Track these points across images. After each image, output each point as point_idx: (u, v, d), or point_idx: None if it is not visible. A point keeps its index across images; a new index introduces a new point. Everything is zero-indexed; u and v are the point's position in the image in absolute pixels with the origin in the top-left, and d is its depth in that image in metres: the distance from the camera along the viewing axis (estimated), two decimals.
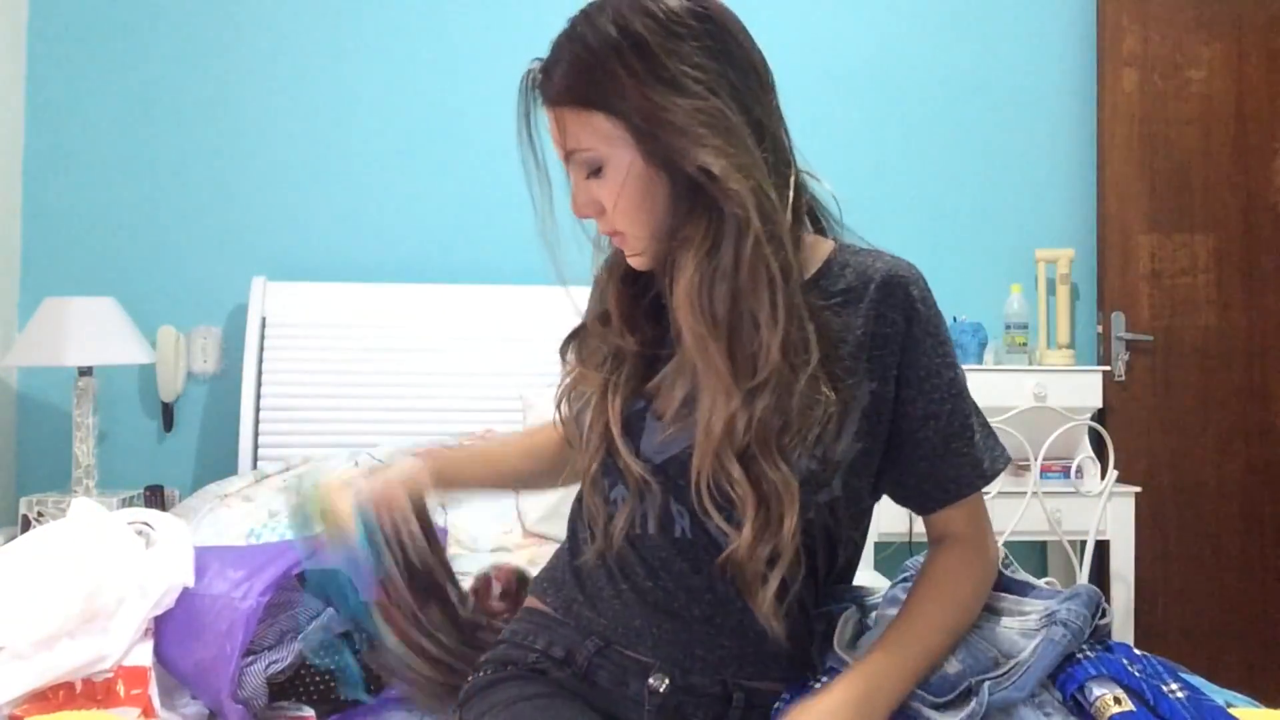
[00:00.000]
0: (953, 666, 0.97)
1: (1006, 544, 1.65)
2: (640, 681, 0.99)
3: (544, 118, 1.00)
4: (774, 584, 0.94)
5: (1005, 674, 0.95)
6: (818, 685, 0.98)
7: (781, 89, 1.02)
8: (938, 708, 0.93)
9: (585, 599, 1.05)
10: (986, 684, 0.93)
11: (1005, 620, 1.03)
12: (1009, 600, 1.05)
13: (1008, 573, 1.09)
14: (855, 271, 1.00)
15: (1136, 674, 0.95)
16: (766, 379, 0.92)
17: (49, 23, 2.91)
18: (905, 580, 1.10)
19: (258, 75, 2.97)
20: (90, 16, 2.92)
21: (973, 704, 0.91)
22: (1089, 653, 0.97)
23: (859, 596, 1.12)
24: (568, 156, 0.99)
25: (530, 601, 1.12)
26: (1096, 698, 0.92)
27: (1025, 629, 1.00)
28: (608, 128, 0.94)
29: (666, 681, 0.99)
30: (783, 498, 0.92)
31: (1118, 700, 0.90)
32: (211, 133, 2.95)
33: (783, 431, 0.92)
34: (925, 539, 1.10)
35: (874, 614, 1.10)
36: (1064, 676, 0.96)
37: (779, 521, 0.92)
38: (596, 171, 0.97)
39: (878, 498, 1.08)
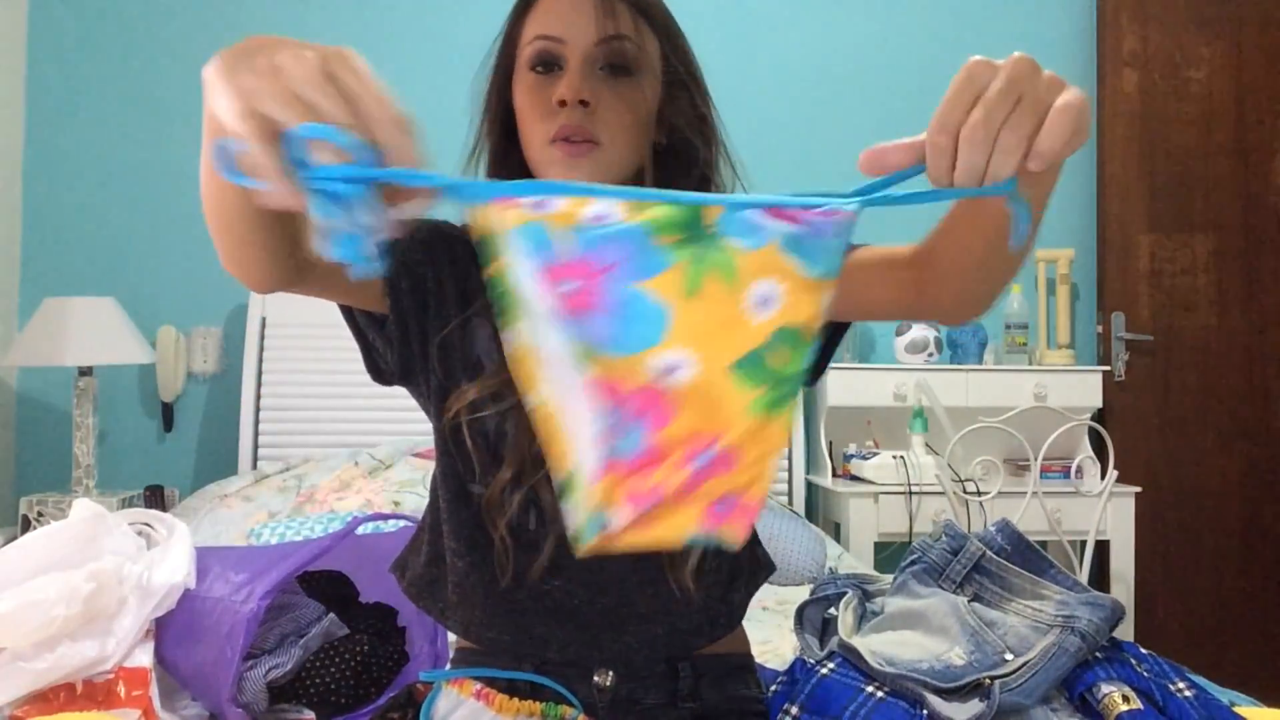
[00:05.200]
0: (959, 659, 0.97)
1: None
2: (586, 684, 0.94)
3: None
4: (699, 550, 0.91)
5: (1013, 673, 0.94)
6: (819, 668, 0.98)
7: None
8: (942, 694, 0.93)
9: (506, 627, 0.96)
10: (996, 684, 0.93)
11: (1018, 603, 1.03)
12: (1026, 579, 1.05)
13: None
14: None
15: (1145, 674, 0.95)
16: None
17: (49, 23, 2.91)
18: (911, 566, 1.10)
19: None
20: (90, 16, 2.92)
21: (982, 706, 0.91)
22: (1099, 655, 0.97)
23: (861, 582, 1.12)
24: (601, 42, 0.90)
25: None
26: (1105, 695, 0.92)
27: (1037, 623, 1.00)
28: (652, 48, 0.93)
29: (611, 674, 0.94)
30: None
31: (1126, 699, 0.90)
32: None
33: None
34: (923, 539, 1.10)
35: (879, 600, 1.10)
36: (1072, 677, 0.96)
37: None
38: (619, 71, 0.90)
39: None
